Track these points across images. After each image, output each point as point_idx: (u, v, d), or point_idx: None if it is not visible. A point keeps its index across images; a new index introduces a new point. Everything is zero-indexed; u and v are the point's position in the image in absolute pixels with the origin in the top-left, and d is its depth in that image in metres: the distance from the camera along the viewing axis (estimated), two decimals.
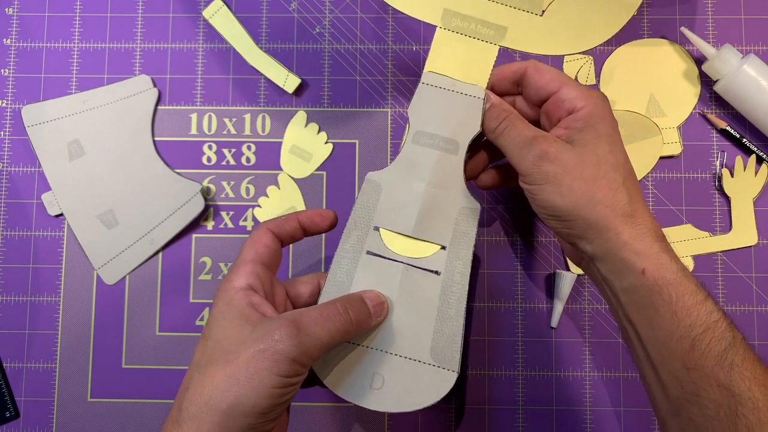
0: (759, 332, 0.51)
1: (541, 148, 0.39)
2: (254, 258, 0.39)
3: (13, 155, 0.54)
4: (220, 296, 0.38)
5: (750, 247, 0.52)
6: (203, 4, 0.55)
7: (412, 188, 0.43)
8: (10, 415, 0.52)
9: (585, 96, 0.40)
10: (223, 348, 0.36)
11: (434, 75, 0.44)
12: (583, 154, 0.39)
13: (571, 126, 0.40)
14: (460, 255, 0.42)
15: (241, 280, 0.38)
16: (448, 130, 0.43)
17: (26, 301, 0.53)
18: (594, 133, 0.40)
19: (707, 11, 0.54)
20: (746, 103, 0.50)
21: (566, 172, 0.39)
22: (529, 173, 0.40)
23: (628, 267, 0.38)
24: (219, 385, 0.35)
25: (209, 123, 0.54)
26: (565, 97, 0.41)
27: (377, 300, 0.41)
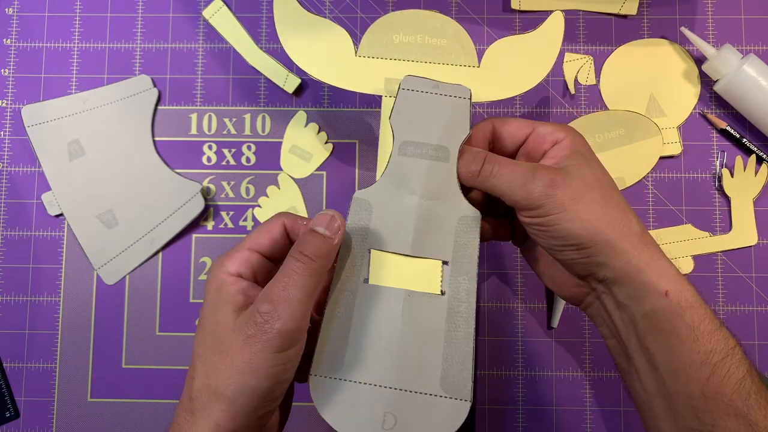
0: (759, 332, 0.51)
1: (549, 176, 0.38)
2: (253, 246, 0.38)
3: (13, 155, 0.54)
4: (211, 281, 0.38)
5: (750, 247, 0.52)
6: (203, 4, 0.55)
7: (404, 203, 0.40)
8: (10, 415, 0.52)
9: (562, 128, 0.40)
10: (217, 337, 0.36)
11: (414, 79, 0.41)
12: (585, 177, 0.38)
13: (559, 155, 0.39)
14: (464, 269, 0.40)
15: (233, 267, 0.38)
16: (436, 137, 0.40)
17: (26, 301, 0.53)
18: (583, 158, 0.39)
19: (707, 11, 0.54)
20: (746, 103, 0.50)
21: (579, 197, 0.37)
22: (541, 204, 0.38)
23: (650, 289, 0.37)
24: (221, 374, 0.35)
25: (209, 123, 0.54)
26: (544, 132, 0.40)
27: (323, 219, 0.38)
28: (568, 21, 0.54)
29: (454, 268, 0.40)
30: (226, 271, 0.37)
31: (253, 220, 0.53)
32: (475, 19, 0.55)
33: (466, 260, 0.40)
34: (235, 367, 0.35)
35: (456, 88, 0.41)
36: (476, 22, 0.54)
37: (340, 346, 0.39)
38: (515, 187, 0.38)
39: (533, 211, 0.38)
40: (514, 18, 0.54)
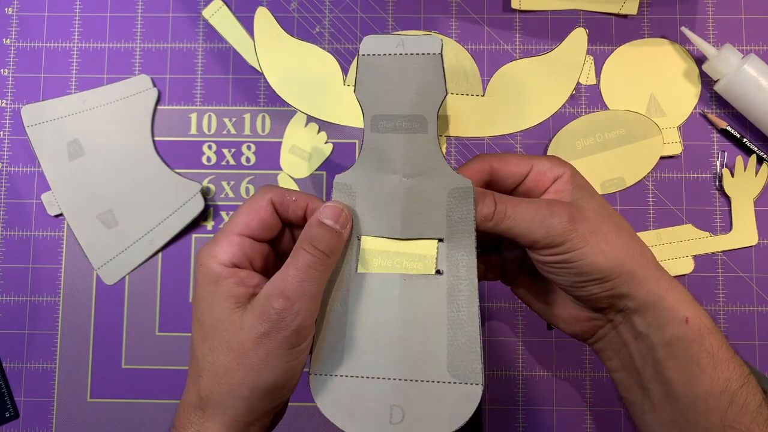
0: (759, 332, 0.51)
1: (567, 211, 0.36)
2: (243, 231, 0.36)
3: (13, 155, 0.54)
4: (203, 273, 0.36)
5: (750, 247, 0.52)
6: (203, 4, 0.55)
7: (386, 184, 0.37)
8: (10, 416, 0.52)
9: (560, 163, 0.39)
10: (222, 335, 0.35)
11: (375, 39, 0.35)
12: (595, 209, 0.37)
13: (562, 189, 0.38)
14: (461, 244, 0.36)
15: (225, 256, 0.36)
16: (409, 106, 0.35)
17: (26, 301, 0.53)
18: (586, 191, 0.38)
19: (707, 11, 0.54)
20: (747, 103, 0.50)
21: (597, 229, 0.36)
22: (564, 241, 0.36)
23: (672, 317, 0.36)
24: (234, 374, 0.35)
25: (209, 123, 0.54)
26: (543, 168, 0.39)
27: (333, 213, 0.37)
28: (569, 21, 0.54)
29: (450, 245, 0.37)
30: (219, 262, 0.36)
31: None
32: (475, 18, 0.54)
33: (463, 234, 0.36)
34: (250, 366, 0.34)
35: (424, 42, 0.35)
36: (476, 22, 0.54)
37: (338, 342, 0.37)
38: (533, 227, 0.36)
39: (554, 249, 0.36)
40: (514, 18, 0.54)
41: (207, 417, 0.35)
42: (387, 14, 0.55)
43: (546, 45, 0.54)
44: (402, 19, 0.54)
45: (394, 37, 0.35)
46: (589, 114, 0.53)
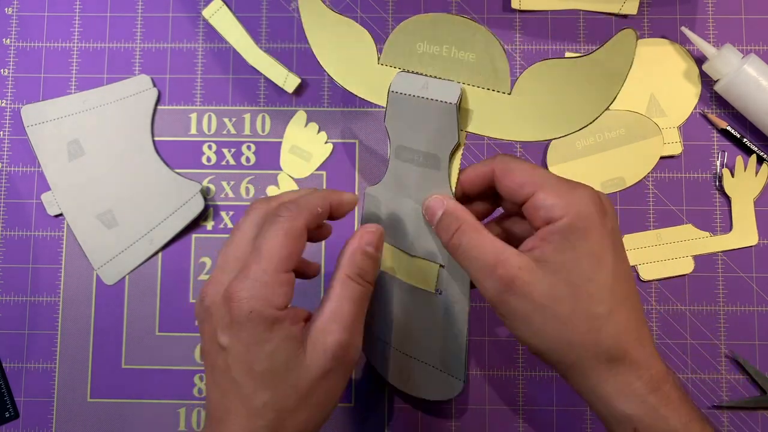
0: (759, 332, 0.51)
1: (506, 278, 0.32)
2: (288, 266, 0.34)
3: (13, 155, 0.54)
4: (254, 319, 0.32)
5: (750, 247, 0.52)
6: (203, 4, 0.55)
7: (403, 205, 0.40)
8: (10, 416, 0.52)
9: (565, 203, 0.33)
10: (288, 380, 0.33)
11: (404, 78, 0.38)
12: (557, 284, 0.32)
13: (546, 239, 0.33)
14: (458, 276, 0.39)
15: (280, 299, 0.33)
16: (426, 144, 0.38)
17: (26, 301, 0.53)
18: (573, 254, 0.32)
19: (708, 11, 0.54)
20: (747, 103, 0.50)
21: (536, 309, 0.32)
22: (493, 305, 0.34)
23: (618, 421, 0.33)
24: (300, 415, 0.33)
25: (209, 123, 0.54)
26: (540, 204, 0.33)
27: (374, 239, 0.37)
28: (569, 21, 0.54)
29: (449, 273, 0.40)
30: (275, 307, 0.33)
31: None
32: (475, 18, 0.54)
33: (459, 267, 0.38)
34: (316, 405, 0.34)
35: (444, 89, 0.37)
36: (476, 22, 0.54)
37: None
38: (474, 274, 0.35)
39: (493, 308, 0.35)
40: (515, 18, 0.54)
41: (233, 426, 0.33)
42: (387, 14, 0.55)
43: (546, 45, 0.54)
44: (402, 20, 0.54)
45: (421, 78, 0.38)
46: None
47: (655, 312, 0.51)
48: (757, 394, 0.50)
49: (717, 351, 0.51)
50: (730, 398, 0.50)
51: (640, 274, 0.51)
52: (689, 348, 0.51)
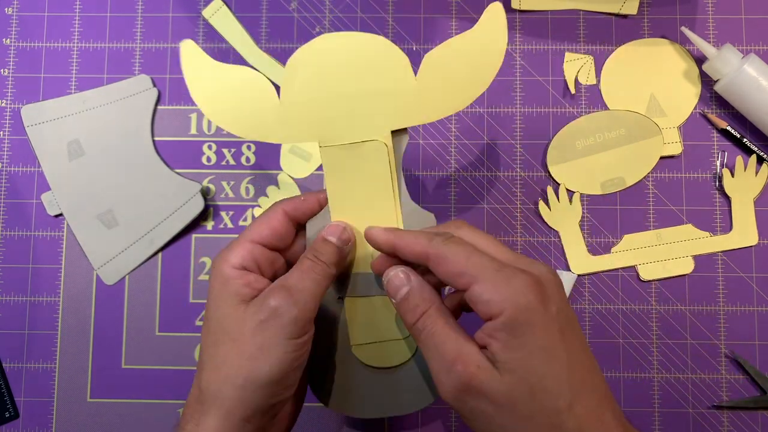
0: (759, 332, 0.51)
1: (463, 378, 0.32)
2: (254, 238, 0.39)
3: (13, 155, 0.54)
4: (215, 275, 0.38)
5: (750, 247, 0.52)
6: (203, 4, 0.55)
7: None
8: (10, 415, 0.52)
9: (502, 296, 0.32)
10: (225, 328, 0.36)
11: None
12: (513, 384, 0.31)
13: (493, 336, 0.32)
14: None
15: (236, 260, 0.38)
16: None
17: (26, 301, 0.53)
18: (522, 351, 0.31)
19: (707, 11, 0.54)
20: (747, 103, 0.50)
21: (495, 411, 0.32)
22: (451, 404, 0.33)
23: None
24: (232, 363, 0.36)
25: (209, 123, 0.54)
26: (476, 298, 0.32)
27: (338, 231, 0.39)
28: (569, 20, 0.54)
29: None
30: (230, 265, 0.38)
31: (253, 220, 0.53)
32: (475, 19, 0.54)
33: None
34: (246, 354, 0.35)
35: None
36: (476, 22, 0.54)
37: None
38: (433, 366, 0.34)
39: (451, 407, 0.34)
40: (515, 18, 0.54)
41: (205, 410, 0.36)
42: (387, 14, 0.55)
43: (546, 45, 0.54)
44: (402, 19, 0.54)
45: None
46: (589, 114, 0.53)
47: (655, 312, 0.51)
48: (757, 394, 0.50)
49: (717, 351, 0.51)
50: (730, 398, 0.50)
51: (640, 274, 0.51)
52: (689, 348, 0.51)
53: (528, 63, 0.54)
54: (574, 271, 0.51)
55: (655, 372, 0.51)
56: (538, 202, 0.52)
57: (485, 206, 0.53)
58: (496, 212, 0.53)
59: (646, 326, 0.51)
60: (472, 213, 0.53)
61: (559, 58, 0.54)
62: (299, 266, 0.38)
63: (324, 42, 0.40)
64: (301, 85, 0.40)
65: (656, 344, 0.51)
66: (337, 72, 0.39)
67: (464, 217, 0.52)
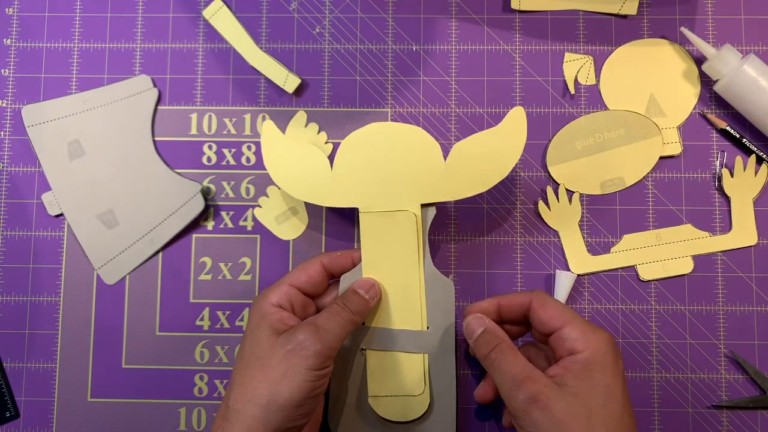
0: (759, 332, 0.51)
1: (532, 392, 0.38)
2: (293, 282, 0.45)
3: (13, 155, 0.54)
4: (255, 309, 0.44)
5: (750, 247, 0.52)
6: (203, 4, 0.55)
7: None
8: (10, 415, 0.52)
9: (587, 339, 0.39)
10: (257, 354, 0.42)
11: None
12: (575, 404, 0.38)
13: (568, 368, 0.39)
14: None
15: (275, 298, 0.44)
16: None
17: (26, 301, 0.53)
18: (590, 382, 0.38)
19: (707, 11, 0.54)
20: (746, 103, 0.50)
21: (556, 425, 0.37)
22: (517, 416, 0.39)
23: None
24: (258, 385, 0.40)
25: (209, 123, 0.54)
26: (566, 336, 0.40)
27: (367, 286, 0.46)
28: (568, 21, 0.54)
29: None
30: (269, 302, 0.44)
31: (253, 220, 0.53)
32: (475, 19, 0.55)
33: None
34: (272, 378, 0.40)
35: None
36: (476, 22, 0.55)
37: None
38: (504, 386, 0.40)
39: (513, 418, 0.40)
40: (514, 18, 0.54)
41: (229, 426, 0.40)
42: (387, 14, 0.55)
43: (546, 45, 0.54)
44: (402, 20, 0.55)
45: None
46: (588, 114, 0.53)
47: (654, 312, 0.51)
48: (756, 394, 0.50)
49: (716, 351, 0.51)
50: (729, 398, 0.50)
51: (639, 274, 0.52)
52: (689, 348, 0.51)
53: (528, 63, 0.54)
54: (574, 271, 0.51)
55: (654, 372, 0.51)
56: (537, 202, 0.52)
57: (485, 206, 0.53)
58: (496, 212, 0.53)
59: (646, 326, 0.51)
60: (472, 213, 0.53)
61: (559, 59, 0.54)
62: (329, 310, 0.44)
63: (373, 128, 0.48)
64: (350, 160, 0.47)
65: (656, 344, 0.51)
66: (380, 152, 0.47)
67: (464, 216, 0.52)
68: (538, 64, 0.54)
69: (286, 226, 0.53)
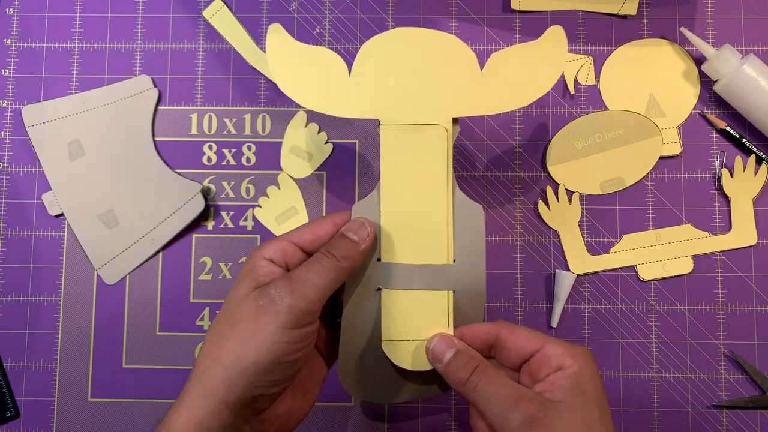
0: (758, 332, 0.51)
1: (530, 412, 0.35)
2: (293, 239, 0.40)
3: (14, 155, 0.54)
4: (246, 263, 0.39)
5: (750, 247, 0.52)
6: (203, 4, 0.55)
7: None
8: (11, 415, 0.52)
9: (572, 353, 0.37)
10: (230, 310, 0.37)
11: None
12: (574, 421, 0.35)
13: (558, 384, 0.36)
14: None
15: (268, 252, 0.39)
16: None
17: (26, 301, 0.53)
18: (583, 397, 0.36)
19: (707, 11, 0.54)
20: (746, 103, 0.50)
21: None
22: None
23: None
24: (224, 343, 0.36)
25: (209, 123, 0.54)
26: (551, 353, 0.37)
27: (356, 226, 0.40)
28: (568, 21, 0.54)
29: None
30: (261, 255, 0.39)
31: (254, 220, 0.53)
32: (475, 19, 0.55)
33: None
34: (239, 337, 0.35)
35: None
36: (476, 23, 0.55)
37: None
38: (494, 411, 0.36)
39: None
40: (514, 18, 0.54)
41: (192, 385, 0.36)
42: (387, 14, 0.55)
43: None
44: (402, 20, 0.55)
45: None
46: (588, 114, 0.53)
47: (654, 312, 0.51)
48: (756, 394, 0.50)
49: (716, 351, 0.51)
50: (729, 398, 0.50)
51: (639, 274, 0.52)
52: (689, 348, 0.51)
53: None
54: (574, 271, 0.51)
55: (654, 371, 0.51)
56: (537, 202, 0.52)
57: (485, 206, 0.53)
58: (496, 212, 0.53)
59: (646, 326, 0.51)
60: None
61: None
62: (309, 260, 0.38)
63: (400, 32, 0.42)
64: (372, 64, 0.41)
65: (655, 344, 0.51)
66: (408, 58, 0.41)
67: None
68: None
69: (286, 226, 0.53)
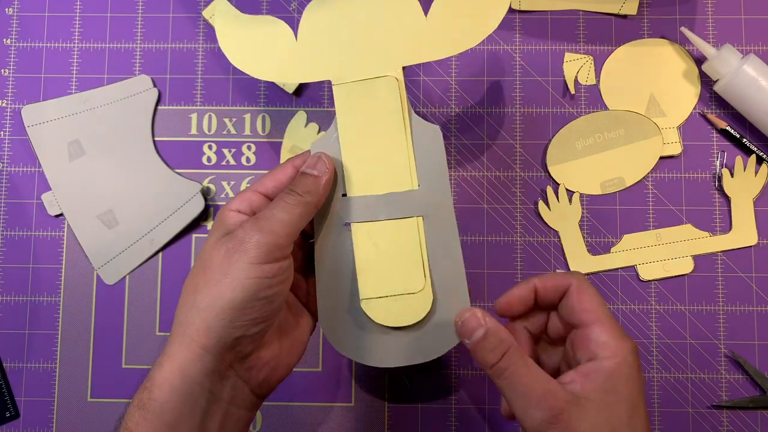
0: (759, 332, 0.51)
1: (553, 411, 0.34)
2: (258, 188, 0.41)
3: (13, 155, 0.54)
4: (216, 218, 0.40)
5: (750, 247, 0.52)
6: (203, 4, 0.55)
7: None
8: (10, 415, 0.52)
9: (615, 345, 0.36)
10: (203, 258, 0.38)
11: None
12: (599, 423, 0.34)
13: (590, 377, 0.35)
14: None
15: (234, 205, 0.40)
16: None
17: (26, 301, 0.53)
18: (615, 396, 0.35)
19: (707, 11, 0.54)
20: (746, 103, 0.50)
21: None
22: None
23: None
24: (199, 290, 0.37)
25: (209, 123, 0.54)
26: (594, 337, 0.36)
27: (312, 162, 0.40)
28: (568, 21, 0.54)
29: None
30: (229, 208, 0.40)
31: None
32: None
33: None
34: (213, 280, 0.36)
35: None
36: None
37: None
38: (517, 402, 0.35)
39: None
40: (514, 18, 0.54)
41: (172, 337, 0.37)
42: None
43: (546, 45, 0.54)
44: None
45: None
46: (588, 114, 0.53)
47: (654, 312, 0.51)
48: (756, 394, 0.50)
49: (716, 351, 0.51)
50: (729, 398, 0.50)
51: (639, 274, 0.52)
52: (689, 348, 0.51)
53: (528, 63, 0.54)
54: None
55: (654, 371, 0.51)
56: (537, 202, 0.52)
57: (485, 206, 0.53)
58: (496, 212, 0.53)
59: (646, 326, 0.51)
60: (472, 213, 0.53)
61: (559, 59, 0.54)
62: (274, 200, 0.39)
63: None
64: (316, 25, 0.42)
65: (656, 344, 0.51)
66: (350, 14, 0.42)
67: (464, 216, 0.52)
68: (538, 64, 0.54)
69: None
